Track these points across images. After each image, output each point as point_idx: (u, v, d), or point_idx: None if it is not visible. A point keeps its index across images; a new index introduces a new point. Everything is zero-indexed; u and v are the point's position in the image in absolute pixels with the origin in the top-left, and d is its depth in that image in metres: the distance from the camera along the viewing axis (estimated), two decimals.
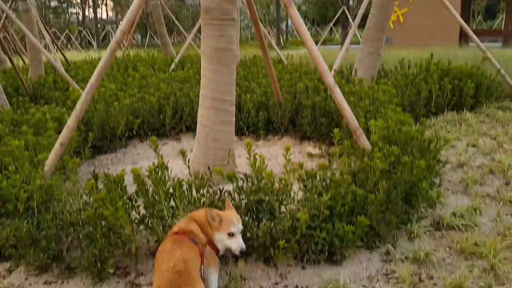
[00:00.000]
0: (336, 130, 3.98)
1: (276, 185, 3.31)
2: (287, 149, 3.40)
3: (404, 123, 4.48)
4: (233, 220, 2.65)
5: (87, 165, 5.49)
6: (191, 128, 6.63)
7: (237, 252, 2.65)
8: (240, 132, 6.43)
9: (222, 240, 2.66)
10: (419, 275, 3.10)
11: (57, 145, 3.92)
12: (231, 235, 2.63)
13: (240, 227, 2.69)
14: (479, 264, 3.19)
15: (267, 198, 3.27)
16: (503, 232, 3.60)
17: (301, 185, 3.40)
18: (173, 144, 6.35)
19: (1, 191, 3.26)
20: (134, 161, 5.76)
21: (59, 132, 4.10)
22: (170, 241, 2.50)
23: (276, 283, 3.08)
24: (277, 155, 5.72)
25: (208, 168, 3.54)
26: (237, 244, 2.63)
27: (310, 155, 5.67)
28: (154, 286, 2.30)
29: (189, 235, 2.58)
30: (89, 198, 3.22)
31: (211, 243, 2.69)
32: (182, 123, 6.68)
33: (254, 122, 6.46)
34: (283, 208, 3.31)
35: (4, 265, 3.32)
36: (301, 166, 3.41)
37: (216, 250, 2.72)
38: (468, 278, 2.95)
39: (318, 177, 3.39)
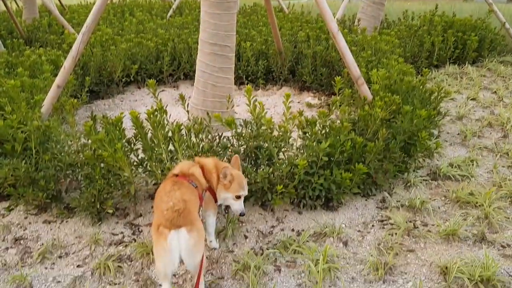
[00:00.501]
0: (337, 78, 3.92)
1: (275, 132, 3.29)
2: (287, 96, 3.36)
3: (406, 73, 4.41)
4: (243, 185, 2.70)
5: (84, 109, 5.45)
6: (189, 76, 6.54)
7: (237, 214, 2.74)
8: (239, 81, 6.34)
9: (226, 199, 2.71)
10: (413, 222, 3.15)
11: (54, 86, 3.85)
12: (237, 197, 2.68)
13: (246, 192, 2.74)
14: (474, 212, 3.24)
15: (266, 144, 3.27)
16: (499, 183, 3.64)
17: (300, 133, 3.38)
18: (171, 92, 6.27)
19: None
20: (131, 107, 5.71)
21: (55, 75, 4.01)
22: (169, 183, 2.49)
23: (273, 227, 3.13)
24: (276, 104, 5.68)
25: (207, 114, 3.50)
26: (239, 207, 2.70)
27: (309, 105, 5.63)
28: (153, 225, 2.30)
29: (189, 178, 2.58)
30: (87, 140, 3.20)
31: (211, 190, 2.71)
32: (180, 70, 6.56)
33: (253, 71, 6.36)
34: (281, 155, 3.31)
35: (4, 204, 3.35)
36: (300, 113, 3.38)
37: (215, 198, 2.74)
38: (462, 226, 3.00)
39: (317, 125, 3.37)
